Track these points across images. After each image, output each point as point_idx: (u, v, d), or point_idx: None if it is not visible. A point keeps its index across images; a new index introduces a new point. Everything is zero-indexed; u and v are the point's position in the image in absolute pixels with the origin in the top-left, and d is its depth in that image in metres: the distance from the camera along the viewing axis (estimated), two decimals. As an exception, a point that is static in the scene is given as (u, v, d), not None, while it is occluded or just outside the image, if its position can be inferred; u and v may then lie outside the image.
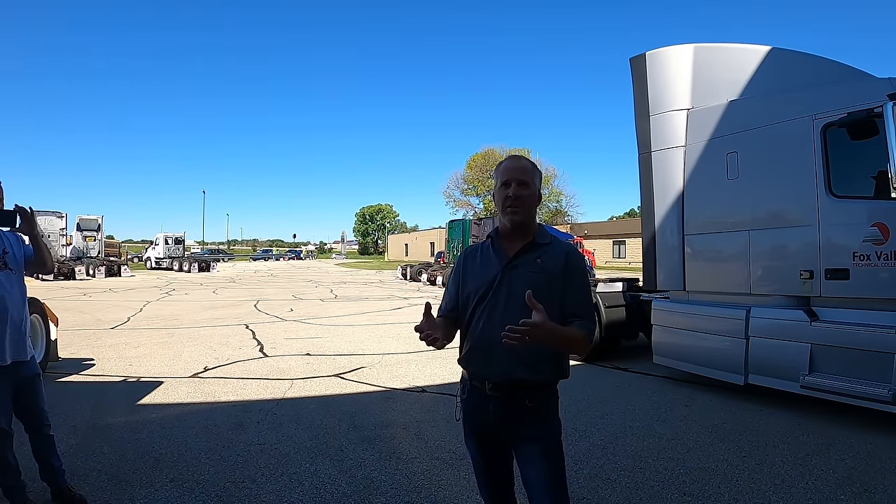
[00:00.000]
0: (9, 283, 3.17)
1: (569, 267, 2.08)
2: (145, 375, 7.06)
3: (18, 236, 3.33)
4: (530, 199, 2.11)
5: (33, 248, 3.32)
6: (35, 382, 3.36)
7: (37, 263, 3.35)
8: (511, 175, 2.10)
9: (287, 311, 15.07)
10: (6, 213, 3.13)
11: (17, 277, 3.25)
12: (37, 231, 3.27)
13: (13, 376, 3.20)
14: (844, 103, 4.98)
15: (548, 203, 64.07)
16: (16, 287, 3.22)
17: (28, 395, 3.31)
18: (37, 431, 3.40)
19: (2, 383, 3.14)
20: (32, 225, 3.19)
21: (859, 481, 3.84)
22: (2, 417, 3.13)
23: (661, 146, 6.69)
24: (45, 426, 3.42)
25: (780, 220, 5.58)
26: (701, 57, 6.50)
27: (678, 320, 6.56)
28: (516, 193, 2.07)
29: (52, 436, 3.47)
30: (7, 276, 3.17)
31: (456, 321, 2.22)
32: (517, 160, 2.17)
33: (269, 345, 9.44)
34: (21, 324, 3.23)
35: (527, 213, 2.11)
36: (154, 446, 4.53)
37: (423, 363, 7.86)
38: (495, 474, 2.24)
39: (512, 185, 2.08)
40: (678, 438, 4.77)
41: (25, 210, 3.15)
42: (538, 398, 2.07)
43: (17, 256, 3.27)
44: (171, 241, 44.36)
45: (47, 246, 3.46)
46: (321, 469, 4.09)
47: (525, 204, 2.09)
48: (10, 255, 3.23)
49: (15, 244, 3.30)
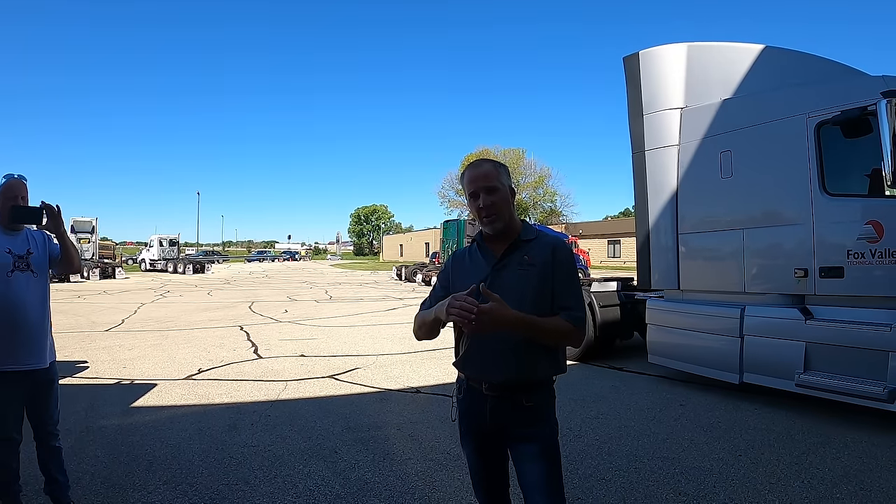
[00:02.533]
0: (27, 285, 3.08)
1: (556, 260, 2.06)
2: (139, 378, 7.01)
3: (45, 234, 3.26)
4: (502, 202, 2.07)
5: (60, 247, 3.24)
6: (49, 389, 3.28)
7: (64, 263, 3.29)
8: (477, 185, 2.06)
9: (281, 312, 15.03)
10: (32, 211, 3.07)
11: (39, 280, 3.16)
12: (63, 229, 3.20)
13: (27, 382, 3.11)
14: (838, 101, 4.98)
15: (542, 203, 64.19)
16: (36, 290, 3.13)
17: (40, 402, 3.22)
18: (44, 441, 3.30)
19: (14, 388, 3.06)
20: (59, 223, 3.13)
21: (855, 479, 3.84)
22: (10, 423, 3.07)
23: (655, 145, 6.69)
24: (52, 436, 3.32)
25: (774, 219, 5.58)
26: (694, 56, 6.50)
27: (673, 319, 6.56)
28: (487, 202, 2.04)
29: (59, 448, 3.38)
30: (28, 278, 3.09)
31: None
32: (478, 167, 2.11)
33: (263, 346, 9.41)
34: (38, 329, 3.13)
35: (504, 217, 2.08)
36: (147, 449, 4.50)
37: (417, 364, 7.85)
38: (491, 475, 2.22)
39: (480, 195, 2.05)
40: (673, 438, 4.76)
41: (52, 207, 3.08)
42: (535, 397, 2.06)
43: (42, 258, 3.20)
44: (166, 242, 44.23)
45: (74, 245, 3.40)
46: (315, 471, 4.07)
47: (500, 210, 2.06)
48: (35, 256, 3.15)
49: (41, 244, 3.22)
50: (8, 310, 2.99)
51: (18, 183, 3.12)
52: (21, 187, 3.12)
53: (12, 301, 3.01)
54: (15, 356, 3.02)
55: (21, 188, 3.11)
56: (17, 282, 3.04)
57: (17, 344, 3.03)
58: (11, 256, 3.04)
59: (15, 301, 3.02)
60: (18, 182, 3.12)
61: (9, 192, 3.07)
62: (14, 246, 3.07)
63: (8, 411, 3.07)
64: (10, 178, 3.11)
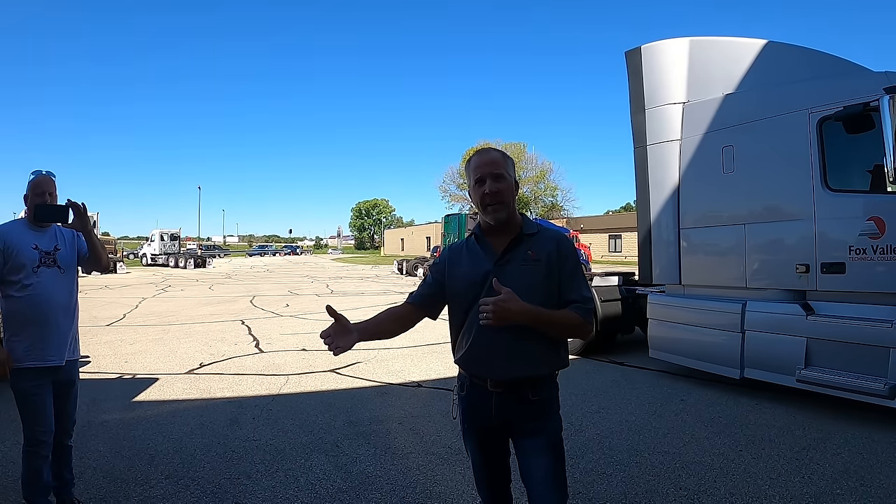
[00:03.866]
0: (54, 281, 3.07)
1: (561, 253, 2.05)
2: (141, 372, 7.03)
3: (74, 232, 3.24)
4: (508, 191, 2.05)
5: (87, 245, 3.24)
6: (70, 388, 3.27)
7: (92, 260, 3.29)
8: (484, 170, 2.03)
9: (283, 306, 15.04)
10: (59, 209, 3.05)
11: (67, 277, 3.16)
12: (90, 227, 3.17)
13: (50, 379, 3.09)
14: (840, 97, 4.96)
15: (544, 197, 64.12)
16: (63, 287, 3.13)
17: (60, 400, 3.20)
18: (58, 439, 3.25)
19: (43, 384, 3.04)
20: (85, 221, 3.11)
21: (856, 475, 3.85)
22: (40, 422, 3.03)
23: (657, 140, 6.67)
24: (67, 435, 3.31)
25: (775, 214, 5.57)
26: (696, 50, 6.47)
27: (674, 314, 6.56)
28: (493, 189, 2.01)
29: (70, 446, 3.37)
30: (55, 274, 3.08)
31: (423, 309, 2.22)
32: (486, 153, 2.09)
33: (264, 340, 9.43)
34: (64, 325, 3.11)
35: (509, 207, 2.06)
36: (149, 443, 4.51)
37: (418, 358, 7.86)
38: (494, 471, 2.22)
39: (487, 181, 2.02)
40: (674, 432, 4.77)
41: (78, 205, 3.05)
42: (540, 391, 2.05)
43: (70, 255, 3.19)
44: (167, 237, 44.25)
45: (102, 243, 3.39)
46: (316, 465, 4.08)
47: (505, 197, 2.03)
48: (63, 252, 3.14)
49: (69, 241, 3.21)
50: (33, 305, 3.00)
51: (47, 179, 3.11)
52: (49, 183, 3.11)
53: (38, 297, 3.01)
54: (38, 352, 3.01)
55: (49, 184, 3.10)
56: (43, 277, 3.04)
57: (41, 340, 3.01)
58: (38, 252, 3.04)
59: (41, 297, 3.01)
60: (47, 178, 3.11)
61: (37, 189, 3.06)
62: (41, 242, 3.07)
63: (34, 409, 3.03)
64: (38, 175, 3.11)
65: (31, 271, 3.00)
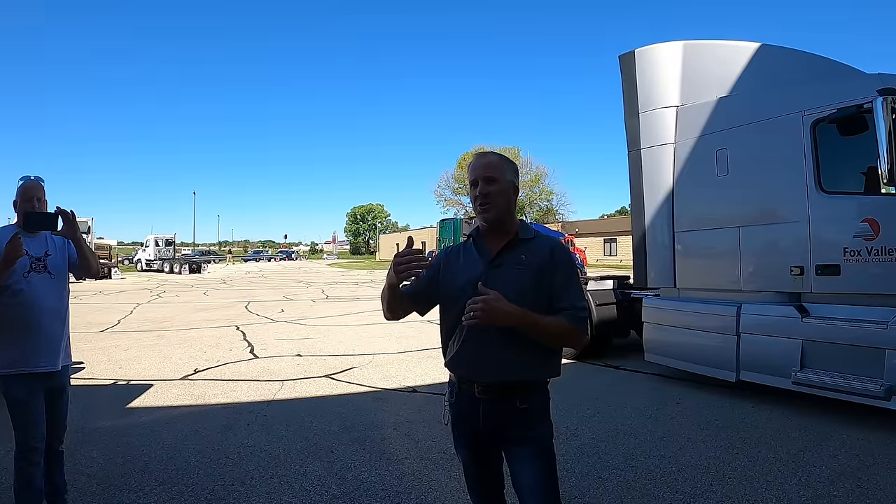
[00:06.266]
0: (45, 287, 3.05)
1: (555, 260, 2.03)
2: (135, 378, 6.99)
3: (64, 239, 3.21)
4: (500, 194, 2.04)
5: (77, 252, 3.21)
6: (62, 395, 3.23)
7: (82, 267, 3.25)
8: (477, 173, 2.05)
9: (278, 312, 15.00)
10: (48, 217, 3.02)
11: (57, 283, 3.13)
12: (79, 234, 3.14)
13: (42, 385, 3.06)
14: (834, 99, 4.98)
15: (538, 202, 64.19)
16: (54, 292, 3.10)
17: (51, 407, 3.16)
18: (50, 446, 3.21)
19: (34, 391, 3.01)
20: (75, 228, 3.07)
21: (852, 477, 3.84)
22: (31, 428, 3.00)
23: (651, 143, 6.69)
24: (58, 441, 3.27)
25: (770, 217, 5.58)
26: (690, 54, 6.50)
27: (669, 317, 6.56)
28: (484, 191, 2.03)
29: (62, 452, 3.34)
30: (45, 279, 3.05)
31: (412, 303, 2.22)
32: (482, 157, 2.11)
33: (259, 346, 9.38)
34: (54, 331, 3.08)
35: (499, 209, 2.05)
36: (144, 449, 4.48)
37: (413, 363, 7.84)
38: (486, 478, 2.20)
39: (479, 183, 2.04)
40: (670, 436, 4.76)
41: (67, 213, 3.02)
42: (529, 399, 2.03)
43: (61, 261, 3.17)
44: (162, 242, 44.10)
45: (91, 249, 3.36)
46: (311, 471, 4.06)
47: (495, 200, 2.03)
48: (53, 258, 3.12)
49: (60, 247, 3.19)
50: (24, 311, 2.97)
51: (35, 185, 3.09)
52: (38, 189, 3.08)
53: (28, 302, 2.98)
54: (29, 358, 2.98)
55: (38, 190, 3.08)
56: (33, 283, 3.01)
57: (32, 346, 2.98)
58: (29, 258, 3.00)
59: (31, 302, 2.98)
60: (35, 184, 3.09)
61: (25, 195, 3.04)
62: (32, 248, 3.04)
63: (26, 416, 2.99)
64: (26, 181, 3.08)
65: (21, 277, 2.97)
